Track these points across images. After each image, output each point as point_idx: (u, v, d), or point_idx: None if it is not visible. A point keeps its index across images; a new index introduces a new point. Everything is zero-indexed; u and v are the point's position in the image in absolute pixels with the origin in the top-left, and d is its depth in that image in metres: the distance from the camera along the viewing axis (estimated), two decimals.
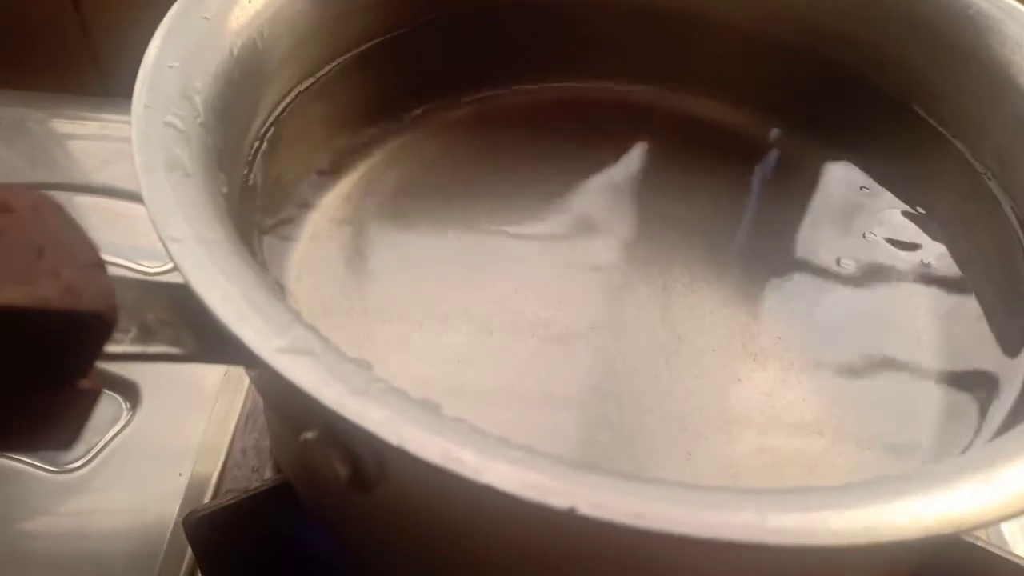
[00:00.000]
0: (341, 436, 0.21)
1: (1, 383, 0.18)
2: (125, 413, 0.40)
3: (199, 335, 0.22)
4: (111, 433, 0.40)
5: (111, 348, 0.20)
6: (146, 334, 0.21)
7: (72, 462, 0.39)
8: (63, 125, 0.54)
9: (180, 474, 0.38)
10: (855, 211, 0.36)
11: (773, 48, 0.37)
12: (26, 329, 0.17)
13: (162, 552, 0.37)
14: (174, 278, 0.22)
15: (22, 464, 0.38)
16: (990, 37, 0.32)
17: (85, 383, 0.19)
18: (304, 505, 0.31)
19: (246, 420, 0.39)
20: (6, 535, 0.37)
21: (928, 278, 0.33)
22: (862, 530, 0.19)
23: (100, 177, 0.50)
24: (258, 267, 0.24)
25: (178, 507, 0.38)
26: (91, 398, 0.19)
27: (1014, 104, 0.31)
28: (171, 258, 0.22)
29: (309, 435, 0.24)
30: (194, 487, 0.38)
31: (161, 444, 0.39)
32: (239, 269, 0.22)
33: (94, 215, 0.49)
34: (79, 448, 0.39)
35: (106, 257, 0.45)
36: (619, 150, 0.36)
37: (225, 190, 0.26)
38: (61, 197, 0.46)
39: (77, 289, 0.17)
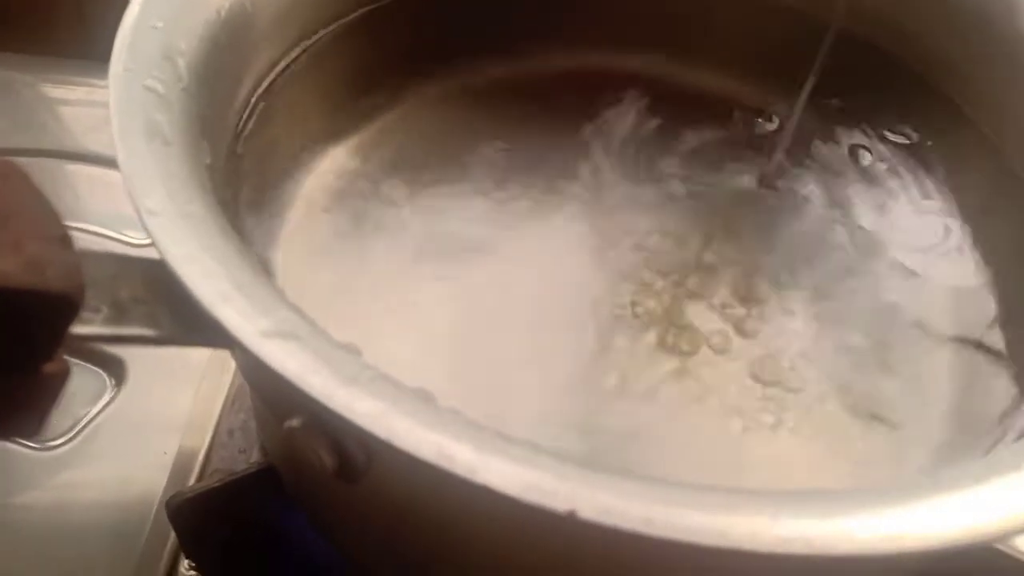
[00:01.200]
0: (327, 426, 0.20)
1: None
2: (110, 389, 0.39)
3: (177, 315, 0.20)
4: (95, 409, 0.38)
5: (80, 329, 0.19)
6: (119, 313, 0.20)
7: (56, 439, 0.38)
8: (52, 89, 0.52)
9: (165, 453, 0.37)
10: (869, 191, 0.34)
11: (787, 17, 0.35)
12: None
13: (146, 531, 0.35)
14: (153, 253, 0.21)
15: (4, 441, 0.37)
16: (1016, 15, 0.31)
17: (50, 367, 0.18)
18: (288, 491, 0.29)
19: (233, 400, 0.38)
20: None
21: (952, 263, 0.32)
22: (885, 538, 0.17)
23: (88, 143, 0.49)
24: (242, 243, 0.23)
25: (163, 487, 0.36)
26: (57, 383, 0.18)
27: None
28: (148, 232, 0.21)
29: (294, 423, 0.22)
30: (179, 467, 0.37)
31: (146, 421, 0.38)
32: (221, 245, 0.21)
33: (80, 182, 0.48)
34: (63, 424, 0.38)
35: (91, 227, 0.44)
36: (622, 123, 0.35)
37: (208, 160, 0.25)
38: (48, 163, 0.45)
39: (41, 264, 0.16)
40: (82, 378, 0.38)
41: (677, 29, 0.36)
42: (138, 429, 0.38)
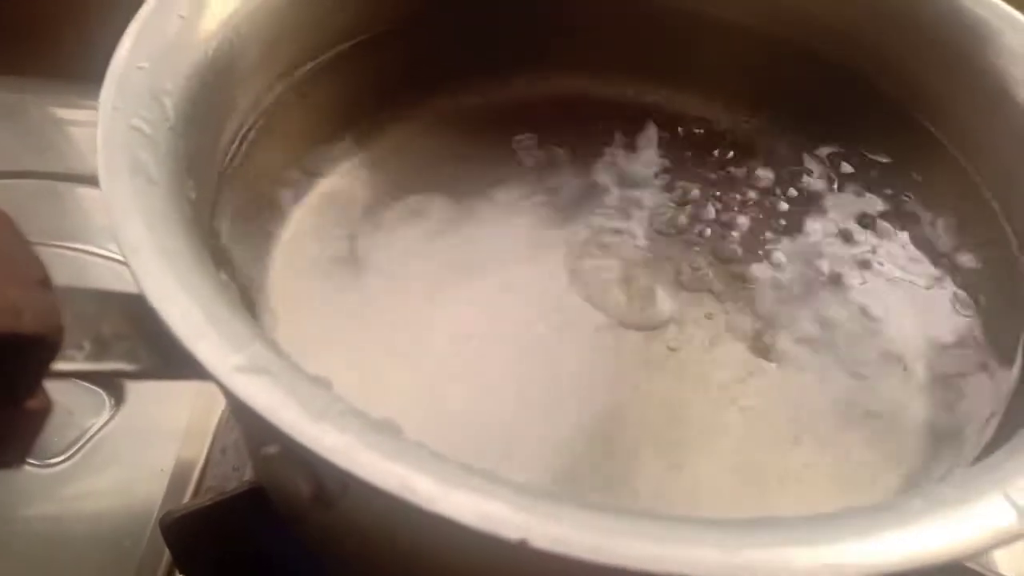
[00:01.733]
0: (300, 457, 0.21)
1: None
2: (109, 408, 0.40)
3: (156, 350, 0.21)
4: (95, 427, 0.39)
5: (62, 366, 0.19)
6: (101, 349, 0.21)
7: (56, 455, 0.39)
8: (59, 111, 0.54)
9: (162, 470, 0.38)
10: (850, 212, 0.35)
11: (771, 46, 0.36)
12: None
13: (143, 546, 0.36)
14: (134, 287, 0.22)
15: None
16: (987, 47, 0.31)
17: (32, 403, 0.18)
18: (275, 511, 0.30)
19: (227, 419, 0.39)
20: None
21: (923, 284, 0.33)
22: (824, 567, 0.18)
23: (95, 165, 0.50)
24: (221, 279, 0.24)
25: (160, 502, 0.37)
26: (39, 417, 0.19)
27: (1011, 118, 0.30)
28: (129, 269, 0.22)
29: (271, 450, 0.23)
30: (175, 483, 0.38)
31: (144, 439, 0.39)
32: (199, 282, 0.22)
33: (87, 203, 0.49)
34: (63, 441, 0.39)
35: (96, 248, 0.45)
36: (613, 148, 0.35)
37: (193, 195, 0.26)
38: (56, 185, 0.46)
39: (19, 309, 0.17)
40: (82, 397, 0.39)
41: (667, 57, 0.37)
42: (136, 446, 0.39)
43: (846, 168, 0.35)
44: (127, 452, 0.39)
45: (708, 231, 0.34)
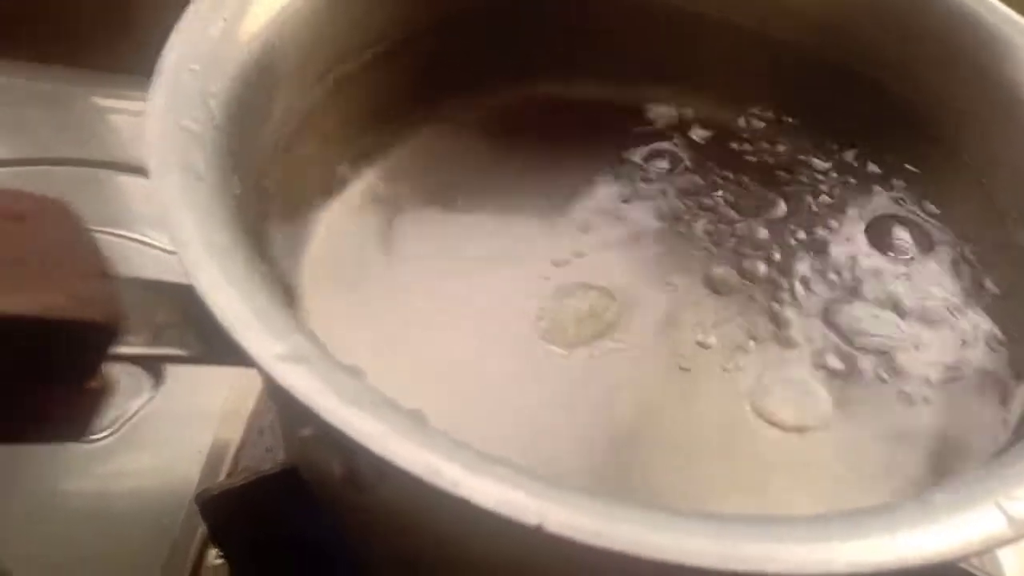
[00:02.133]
0: (334, 440, 0.22)
1: (13, 384, 0.19)
2: (150, 388, 0.42)
3: (205, 337, 0.23)
4: (136, 406, 0.41)
5: (122, 350, 0.21)
6: (155, 335, 0.23)
7: (99, 433, 0.41)
8: (105, 101, 0.55)
9: (199, 451, 0.40)
10: (869, 217, 0.36)
11: (785, 51, 0.37)
12: (35, 335, 0.18)
13: (179, 521, 0.38)
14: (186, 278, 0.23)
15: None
16: (1004, 61, 0.32)
17: (93, 384, 0.20)
18: (308, 492, 0.32)
19: (263, 402, 0.40)
20: (36, 498, 0.39)
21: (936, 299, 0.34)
22: (814, 563, 0.19)
23: (138, 154, 0.52)
24: (265, 271, 0.25)
25: (196, 480, 0.39)
26: (98, 396, 0.20)
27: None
28: (181, 262, 0.23)
29: (307, 432, 0.25)
30: (211, 462, 0.40)
31: (182, 421, 0.41)
32: (244, 274, 0.24)
33: (131, 192, 0.51)
34: (107, 420, 0.41)
35: (141, 235, 0.47)
36: (630, 153, 0.37)
37: (238, 191, 0.27)
38: (100, 174, 0.48)
39: (83, 299, 0.18)
40: (125, 378, 0.41)
41: (684, 64, 0.38)
42: (174, 427, 0.41)
43: (861, 175, 0.36)
44: (166, 432, 0.41)
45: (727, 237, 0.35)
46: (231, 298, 0.22)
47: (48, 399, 0.19)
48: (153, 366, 0.41)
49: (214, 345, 0.23)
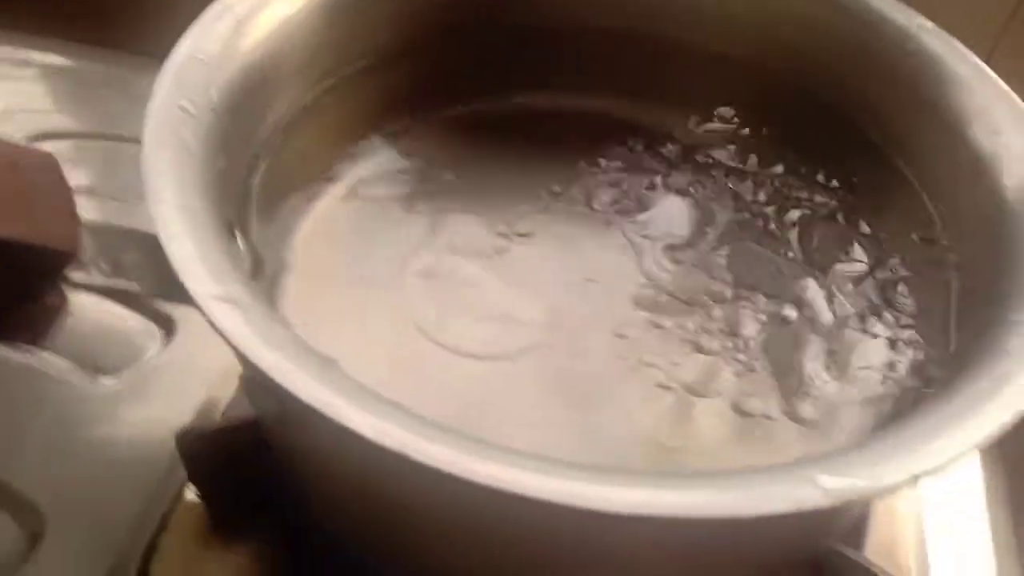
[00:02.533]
0: (258, 378, 0.27)
1: None
2: (160, 341, 0.46)
3: (160, 279, 0.28)
4: (147, 357, 0.46)
5: (84, 279, 0.26)
6: (116, 271, 0.27)
7: (110, 378, 0.45)
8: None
9: (197, 402, 0.45)
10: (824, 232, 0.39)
11: (752, 73, 0.41)
12: (9, 255, 0.23)
13: (166, 463, 0.43)
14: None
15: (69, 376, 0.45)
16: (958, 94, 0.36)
17: (50, 298, 0.25)
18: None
19: None
20: (50, 438, 0.44)
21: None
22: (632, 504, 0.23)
23: None
24: (231, 238, 0.30)
25: None
26: (55, 310, 0.25)
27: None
28: (151, 214, 0.28)
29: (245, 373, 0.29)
30: (203, 413, 0.44)
31: (186, 372, 0.45)
32: (204, 233, 0.28)
33: None
34: (117, 367, 0.45)
35: None
36: (599, 163, 0.40)
37: (223, 167, 0.32)
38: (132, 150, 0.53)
39: (47, 230, 0.23)
40: (137, 328, 0.46)
41: (650, 77, 0.42)
42: (178, 377, 0.45)
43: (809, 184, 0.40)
44: (169, 382, 0.45)
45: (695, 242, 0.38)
46: (186, 247, 0.27)
47: (11, 308, 0.24)
48: (164, 320, 0.46)
49: (167, 286, 0.27)
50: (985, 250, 0.33)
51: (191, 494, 0.41)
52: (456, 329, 0.34)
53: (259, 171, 0.35)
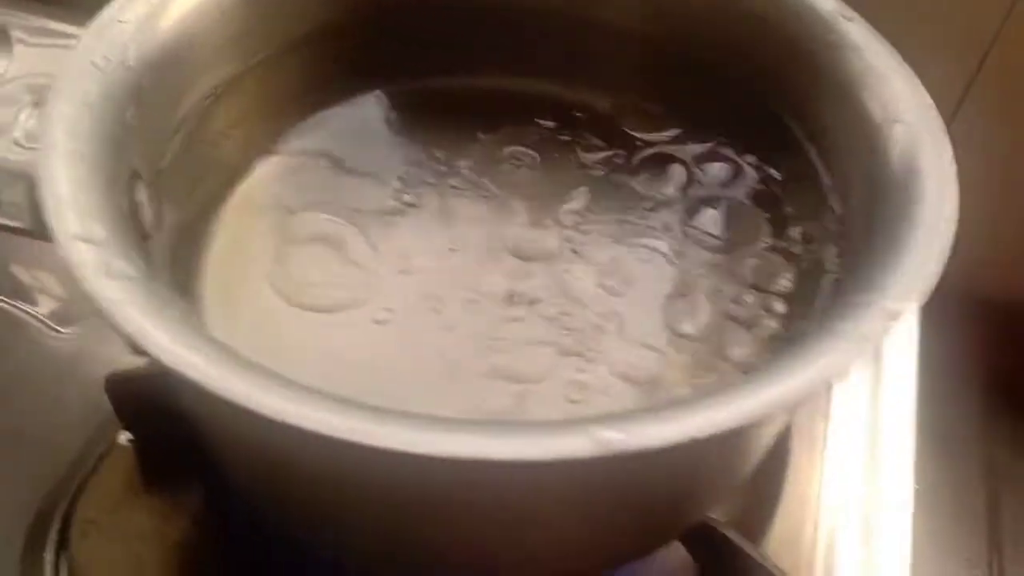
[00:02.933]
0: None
1: None
2: None
3: (38, 219, 0.29)
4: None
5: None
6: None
7: (62, 324, 0.48)
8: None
9: None
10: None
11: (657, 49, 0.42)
12: None
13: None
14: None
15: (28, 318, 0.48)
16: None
17: None
18: None
19: None
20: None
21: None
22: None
23: None
24: (125, 182, 0.32)
25: None
26: None
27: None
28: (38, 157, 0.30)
29: None
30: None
31: None
32: (87, 178, 0.30)
33: None
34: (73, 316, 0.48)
35: None
36: (513, 141, 0.41)
37: (132, 121, 0.33)
38: None
39: None
40: None
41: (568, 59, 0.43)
42: None
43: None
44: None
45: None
46: (59, 189, 0.29)
47: None
48: None
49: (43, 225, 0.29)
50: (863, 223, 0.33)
51: (124, 438, 0.43)
52: (316, 292, 0.36)
53: (181, 133, 0.37)
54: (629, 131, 0.42)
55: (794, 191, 0.39)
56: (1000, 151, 0.65)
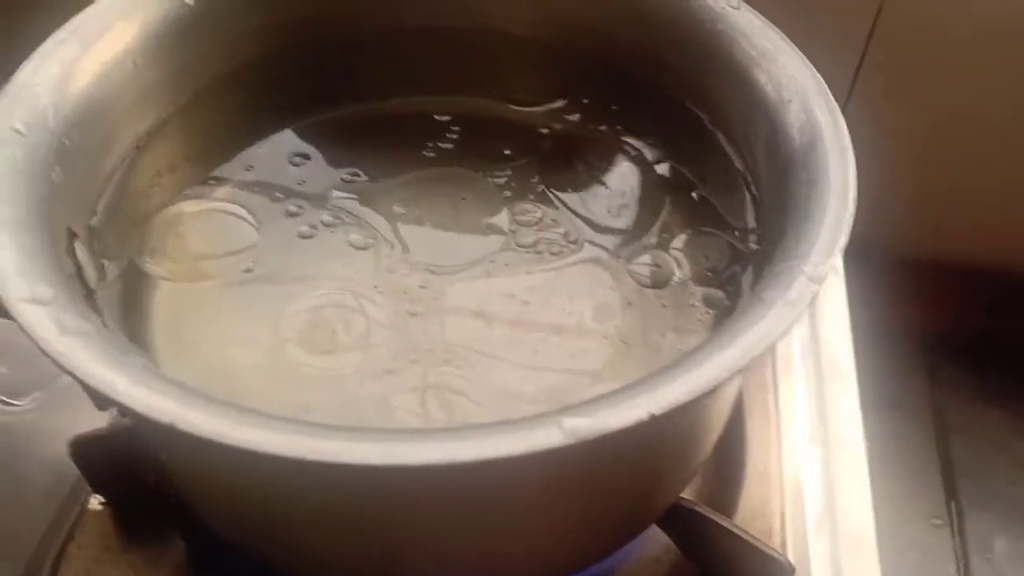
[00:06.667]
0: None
1: None
2: None
3: None
4: (52, 376, 0.48)
5: None
6: None
7: (19, 398, 0.48)
8: None
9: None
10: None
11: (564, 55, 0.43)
12: None
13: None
14: None
15: None
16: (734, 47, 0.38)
17: None
18: None
19: None
20: None
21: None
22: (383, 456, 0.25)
23: None
24: (63, 242, 0.32)
25: None
26: None
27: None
28: None
29: None
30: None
31: None
32: (24, 242, 0.30)
33: None
34: (27, 389, 0.48)
35: None
36: (425, 158, 0.43)
37: (58, 180, 0.34)
38: None
39: None
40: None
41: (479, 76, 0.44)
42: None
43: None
44: (76, 397, 0.47)
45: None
46: (2, 257, 0.29)
47: None
48: None
49: None
50: (774, 197, 0.35)
51: (95, 502, 0.43)
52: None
53: (105, 188, 0.37)
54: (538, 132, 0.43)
55: (707, 178, 0.41)
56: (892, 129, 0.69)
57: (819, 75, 0.36)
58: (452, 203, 0.41)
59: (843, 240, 0.31)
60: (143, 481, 0.41)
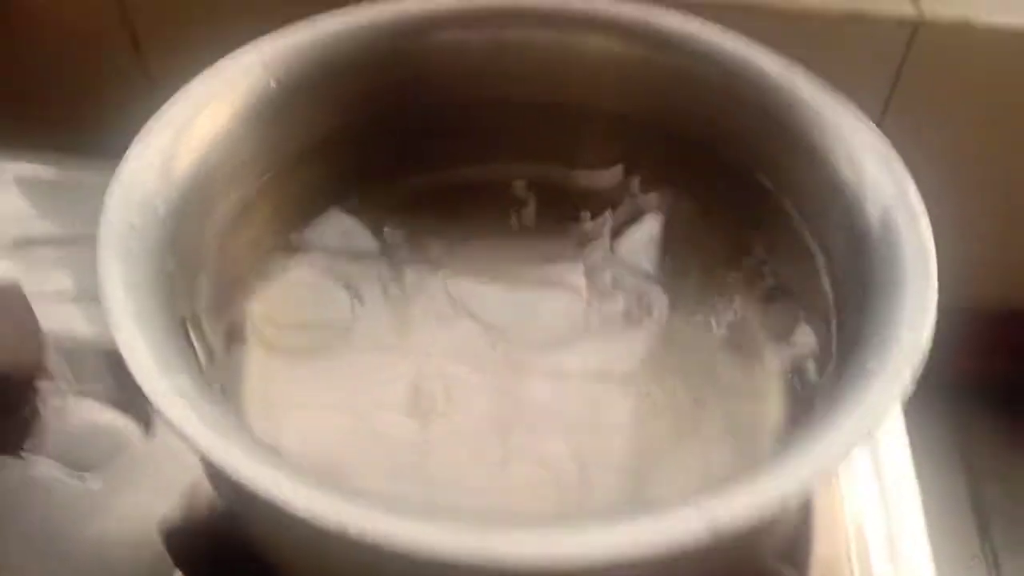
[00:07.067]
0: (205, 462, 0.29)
1: None
2: (139, 434, 0.48)
3: (120, 383, 0.30)
4: (129, 450, 0.48)
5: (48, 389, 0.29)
6: (84, 378, 0.30)
7: (96, 475, 0.48)
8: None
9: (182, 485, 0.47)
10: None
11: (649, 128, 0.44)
12: None
13: (157, 554, 0.45)
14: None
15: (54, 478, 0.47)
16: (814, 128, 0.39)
17: (26, 411, 0.28)
18: None
19: None
20: (36, 537, 0.46)
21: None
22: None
23: None
24: (190, 337, 0.33)
25: None
26: (31, 421, 0.28)
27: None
28: (107, 323, 0.31)
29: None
30: (189, 497, 0.46)
31: (169, 460, 0.47)
32: (153, 332, 0.31)
33: None
34: (103, 464, 0.48)
35: None
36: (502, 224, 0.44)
37: (172, 269, 0.35)
38: None
39: (14, 352, 0.26)
40: (116, 425, 0.48)
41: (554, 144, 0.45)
42: (160, 467, 0.48)
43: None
44: (152, 474, 0.48)
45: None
46: (137, 346, 0.30)
47: None
48: (141, 413, 0.48)
49: (127, 388, 0.30)
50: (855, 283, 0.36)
51: None
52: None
53: (207, 267, 0.38)
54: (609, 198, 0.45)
55: (781, 257, 0.42)
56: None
57: (897, 155, 0.37)
58: (532, 269, 0.43)
59: (923, 356, 0.31)
60: (236, 565, 0.41)
